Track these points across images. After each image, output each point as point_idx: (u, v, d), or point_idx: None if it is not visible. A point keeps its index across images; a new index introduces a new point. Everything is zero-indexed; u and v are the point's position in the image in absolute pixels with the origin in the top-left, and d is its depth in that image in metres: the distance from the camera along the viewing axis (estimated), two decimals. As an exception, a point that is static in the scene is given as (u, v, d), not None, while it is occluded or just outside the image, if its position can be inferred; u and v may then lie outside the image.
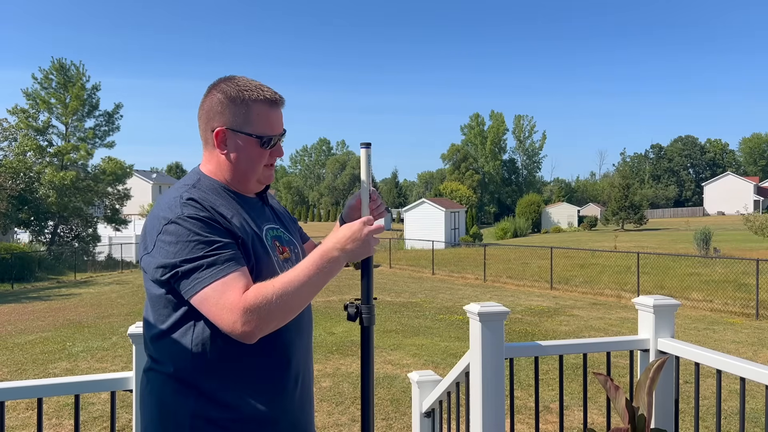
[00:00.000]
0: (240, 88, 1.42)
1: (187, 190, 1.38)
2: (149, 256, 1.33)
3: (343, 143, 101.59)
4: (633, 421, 2.19)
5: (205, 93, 1.47)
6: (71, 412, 5.26)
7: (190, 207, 1.32)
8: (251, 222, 1.44)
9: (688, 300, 12.49)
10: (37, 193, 28.89)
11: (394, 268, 22.31)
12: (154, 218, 1.35)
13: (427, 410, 3.21)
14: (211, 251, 1.27)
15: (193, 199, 1.34)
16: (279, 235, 1.53)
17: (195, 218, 1.30)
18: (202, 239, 1.28)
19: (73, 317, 12.10)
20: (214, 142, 1.43)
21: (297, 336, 1.49)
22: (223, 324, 1.25)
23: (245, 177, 1.46)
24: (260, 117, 1.42)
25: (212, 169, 1.46)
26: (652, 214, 68.22)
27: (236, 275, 1.27)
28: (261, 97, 1.42)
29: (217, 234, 1.30)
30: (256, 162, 1.45)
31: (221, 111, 1.42)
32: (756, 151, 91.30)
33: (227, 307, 1.24)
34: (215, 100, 1.43)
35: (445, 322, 10.14)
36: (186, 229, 1.29)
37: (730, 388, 5.50)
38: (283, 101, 1.47)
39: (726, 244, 24.81)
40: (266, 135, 1.43)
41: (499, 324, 2.32)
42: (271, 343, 1.39)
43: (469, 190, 64.63)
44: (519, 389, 5.86)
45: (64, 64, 31.81)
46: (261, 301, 1.24)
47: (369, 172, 1.60)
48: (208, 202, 1.36)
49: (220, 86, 1.44)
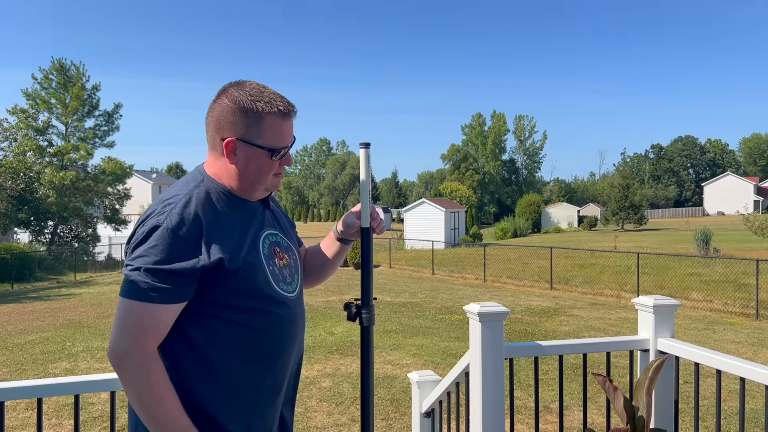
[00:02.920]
0: (253, 99, 1.38)
1: (185, 199, 1.36)
2: (129, 246, 1.35)
3: (343, 143, 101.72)
4: (632, 421, 2.19)
5: (215, 98, 1.43)
6: (71, 412, 5.26)
7: (177, 221, 1.31)
8: (248, 229, 1.43)
9: (688, 300, 12.49)
10: (37, 193, 28.89)
11: (394, 268, 22.30)
12: (150, 215, 1.35)
13: (427, 410, 3.21)
14: (161, 271, 1.28)
15: (190, 213, 1.33)
16: (278, 241, 1.52)
17: (175, 234, 1.30)
18: (163, 257, 1.28)
19: (73, 317, 12.10)
20: (223, 151, 1.40)
21: (290, 346, 1.48)
22: (113, 333, 1.29)
23: (252, 186, 1.44)
24: (272, 129, 1.39)
25: (217, 172, 1.44)
26: (652, 214, 68.21)
27: (157, 309, 1.28)
28: (274, 110, 1.39)
29: (179, 258, 1.29)
30: (265, 173, 1.43)
31: (233, 121, 1.38)
32: (756, 151, 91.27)
33: (125, 329, 1.28)
34: (227, 109, 1.39)
35: (445, 322, 10.14)
36: (160, 239, 1.29)
37: (730, 388, 5.50)
38: (296, 112, 1.45)
39: (726, 244, 24.80)
40: (277, 147, 1.41)
41: (499, 324, 2.32)
42: (258, 353, 1.40)
43: (469, 190, 64.65)
44: (519, 389, 5.86)
45: (64, 64, 31.79)
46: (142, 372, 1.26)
47: (369, 172, 1.60)
48: (205, 213, 1.35)
49: (231, 93, 1.40)
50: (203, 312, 1.35)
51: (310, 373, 6.66)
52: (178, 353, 1.35)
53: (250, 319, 1.38)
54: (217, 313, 1.36)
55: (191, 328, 1.35)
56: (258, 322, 1.39)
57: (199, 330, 1.35)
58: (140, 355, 1.27)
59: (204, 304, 1.35)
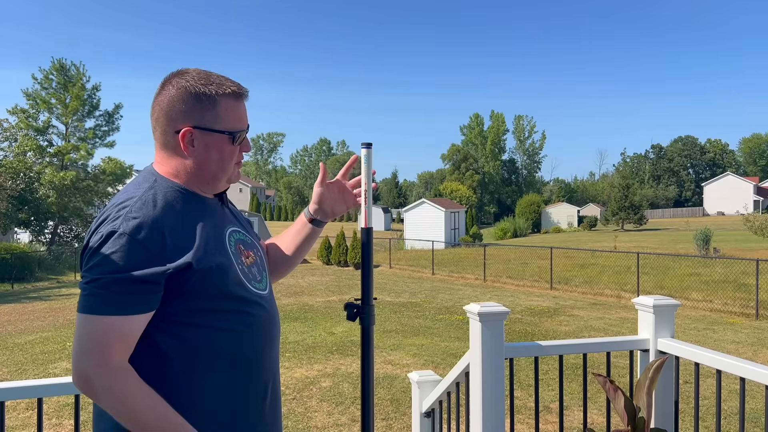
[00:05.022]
0: (204, 83, 1.30)
1: (139, 204, 1.24)
2: (83, 249, 1.24)
3: (344, 143, 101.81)
4: (633, 421, 2.19)
5: (159, 90, 1.34)
6: (71, 412, 5.26)
7: (134, 226, 1.20)
8: (211, 228, 1.33)
9: (687, 300, 12.49)
10: (37, 193, 28.88)
11: (394, 268, 22.30)
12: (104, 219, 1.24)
13: (427, 410, 3.21)
14: (121, 280, 1.17)
15: (148, 219, 1.22)
16: (242, 238, 1.44)
17: (134, 240, 1.19)
18: (121, 266, 1.17)
19: (74, 317, 12.08)
20: (179, 143, 1.30)
21: (269, 345, 1.40)
22: (74, 352, 1.19)
23: (215, 178, 1.35)
24: (228, 112, 1.32)
25: (170, 171, 1.34)
26: (652, 215, 68.19)
27: (119, 321, 1.17)
28: (227, 91, 1.32)
29: (141, 265, 1.18)
30: (227, 160, 1.34)
31: (184, 110, 1.30)
32: (756, 151, 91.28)
33: (85, 349, 1.16)
34: (176, 98, 1.30)
35: (445, 322, 10.14)
36: (117, 247, 1.18)
37: (730, 388, 5.50)
38: (248, 93, 1.37)
39: (726, 244, 24.81)
40: (237, 130, 1.33)
41: (499, 324, 2.32)
42: (239, 355, 1.32)
43: (469, 191, 64.63)
44: (519, 389, 5.86)
45: (64, 65, 31.78)
46: (113, 391, 1.16)
47: (369, 173, 1.60)
48: (163, 217, 1.24)
49: (177, 81, 1.31)
50: (173, 320, 1.25)
51: (310, 373, 6.66)
52: (147, 366, 1.24)
53: (224, 323, 1.29)
54: (188, 320, 1.26)
55: (161, 337, 1.25)
56: (234, 323, 1.31)
57: (171, 339, 1.25)
58: (107, 374, 1.16)
59: (173, 311, 1.24)
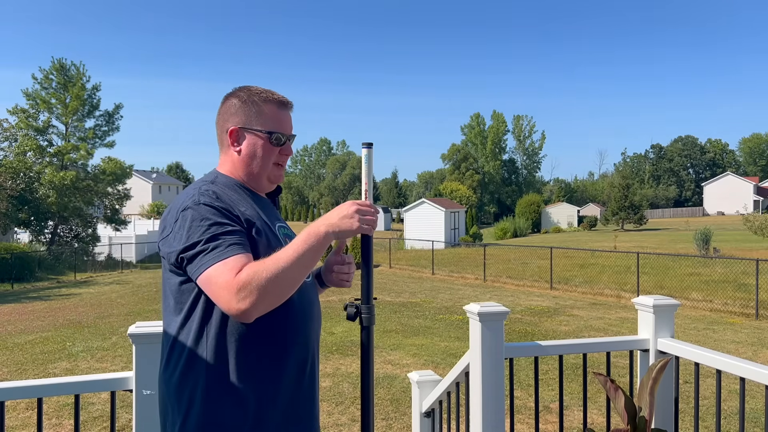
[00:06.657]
0: (252, 93, 1.57)
1: (205, 184, 1.48)
2: (165, 240, 1.41)
3: (344, 143, 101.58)
4: (633, 421, 2.19)
5: (221, 102, 1.61)
6: (71, 412, 5.27)
7: (206, 196, 1.41)
8: (264, 217, 1.52)
9: (687, 300, 12.49)
10: (37, 193, 28.86)
11: (394, 268, 22.31)
12: (172, 209, 1.44)
13: (427, 410, 3.21)
14: (219, 234, 1.34)
15: (211, 190, 1.44)
16: (289, 233, 1.60)
17: (209, 205, 1.39)
18: (212, 222, 1.36)
19: (73, 317, 12.10)
20: (228, 141, 1.56)
21: (309, 325, 1.54)
22: (221, 303, 1.30)
23: (258, 174, 1.57)
24: (269, 116, 1.56)
25: (228, 168, 1.58)
26: (652, 214, 68.18)
27: (238, 258, 1.31)
28: (271, 98, 1.57)
29: (227, 219, 1.38)
30: (265, 158, 1.55)
31: (234, 113, 1.56)
32: (756, 151, 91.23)
33: (224, 287, 1.28)
34: (231, 106, 1.58)
35: (445, 322, 10.14)
36: (199, 214, 1.37)
37: (730, 388, 5.50)
38: (292, 105, 1.62)
39: (726, 244, 24.81)
40: (275, 131, 1.55)
41: (499, 324, 2.32)
42: (282, 328, 1.45)
43: (469, 190, 64.58)
44: (519, 389, 5.86)
45: (64, 65, 31.76)
46: (253, 278, 1.27)
47: (370, 172, 1.61)
48: (225, 194, 1.46)
49: (234, 93, 1.60)
50: None
51: (310, 373, 6.65)
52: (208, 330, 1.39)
53: None
54: None
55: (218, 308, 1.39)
56: None
57: None
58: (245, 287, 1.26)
59: None
